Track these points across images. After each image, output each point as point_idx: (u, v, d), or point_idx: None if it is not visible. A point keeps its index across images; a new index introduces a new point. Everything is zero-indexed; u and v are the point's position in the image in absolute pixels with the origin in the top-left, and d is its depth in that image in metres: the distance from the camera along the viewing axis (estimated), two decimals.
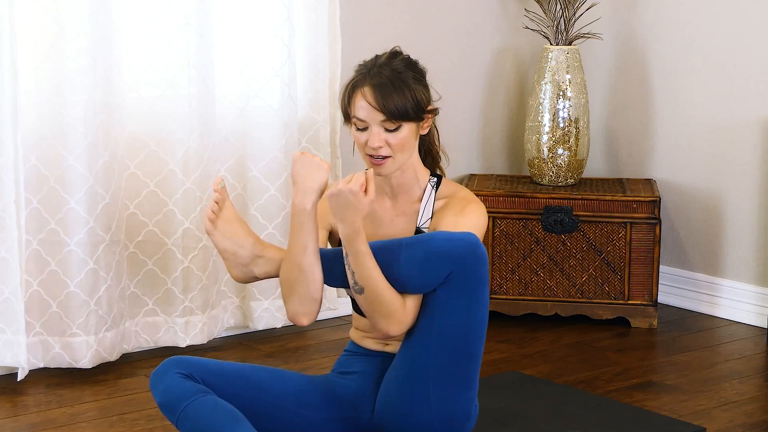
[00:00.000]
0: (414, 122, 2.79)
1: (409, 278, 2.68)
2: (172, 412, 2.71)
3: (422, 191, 2.88)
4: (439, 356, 2.72)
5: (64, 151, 3.66)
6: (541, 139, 4.39)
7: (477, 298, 2.71)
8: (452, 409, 2.75)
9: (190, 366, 2.76)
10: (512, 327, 4.26)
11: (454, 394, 2.75)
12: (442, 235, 2.69)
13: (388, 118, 2.75)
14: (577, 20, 4.44)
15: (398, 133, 2.77)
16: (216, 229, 2.81)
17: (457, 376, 2.74)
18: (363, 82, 2.78)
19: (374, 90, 2.76)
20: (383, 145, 2.77)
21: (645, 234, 4.22)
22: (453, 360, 2.73)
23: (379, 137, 2.76)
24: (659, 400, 3.55)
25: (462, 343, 2.73)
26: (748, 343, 4.10)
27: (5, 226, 3.54)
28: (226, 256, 2.82)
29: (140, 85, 3.83)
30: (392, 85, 2.76)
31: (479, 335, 2.75)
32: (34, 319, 3.71)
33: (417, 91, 2.78)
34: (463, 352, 2.74)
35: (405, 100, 2.76)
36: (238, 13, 3.97)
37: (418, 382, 2.73)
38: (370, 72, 2.79)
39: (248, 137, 4.03)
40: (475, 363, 2.77)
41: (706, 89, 4.41)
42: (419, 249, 2.68)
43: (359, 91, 2.78)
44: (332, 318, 4.32)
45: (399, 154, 2.79)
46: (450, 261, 2.66)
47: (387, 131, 2.77)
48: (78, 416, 3.41)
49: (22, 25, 3.59)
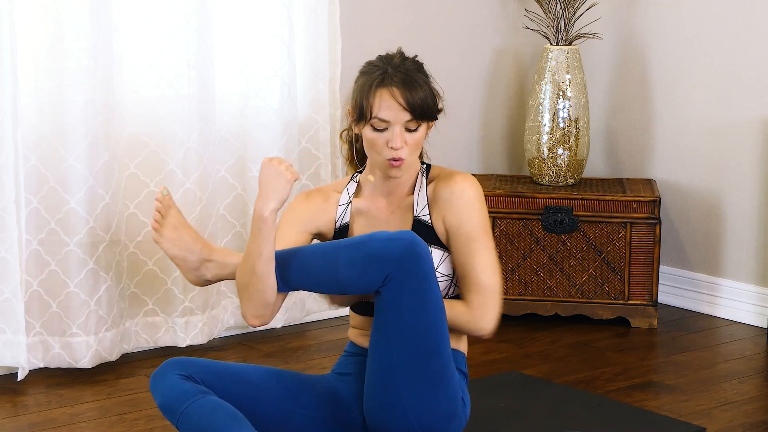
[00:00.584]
0: (428, 123, 2.82)
1: (349, 279, 2.67)
2: (172, 413, 2.71)
3: (413, 182, 2.88)
4: (402, 357, 2.70)
5: (64, 151, 3.66)
6: (541, 139, 4.39)
7: (424, 294, 2.69)
8: (430, 408, 2.73)
9: (189, 367, 2.76)
10: (512, 327, 4.26)
11: (427, 393, 2.72)
12: (380, 236, 2.68)
13: (414, 117, 2.77)
14: (577, 20, 4.44)
15: (416, 134, 2.80)
16: (162, 236, 2.88)
17: (424, 374, 2.72)
18: (388, 81, 2.78)
19: (403, 90, 2.76)
20: (404, 146, 2.78)
21: (645, 234, 4.22)
22: (416, 358, 2.71)
23: (402, 137, 2.77)
24: (659, 400, 3.55)
25: (421, 341, 2.70)
26: (748, 343, 4.10)
27: (5, 226, 3.54)
28: (177, 262, 2.88)
29: (140, 85, 3.83)
30: (418, 85, 2.78)
31: (438, 330, 2.73)
32: (34, 319, 3.71)
33: (432, 91, 2.82)
34: (424, 349, 2.71)
35: (428, 100, 2.79)
36: (238, 13, 3.97)
37: (388, 386, 2.73)
38: (390, 72, 2.79)
39: (248, 137, 4.03)
40: (439, 358, 2.74)
41: (706, 89, 4.41)
42: (358, 251, 2.67)
43: (385, 90, 2.77)
44: (332, 318, 4.33)
45: (412, 156, 2.82)
46: (387, 262, 2.65)
47: (408, 131, 2.78)
48: (78, 416, 3.41)
49: (22, 25, 3.59)
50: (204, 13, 3.83)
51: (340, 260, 2.67)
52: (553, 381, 3.66)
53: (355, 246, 2.68)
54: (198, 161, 3.87)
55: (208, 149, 3.90)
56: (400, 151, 2.78)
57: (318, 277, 2.71)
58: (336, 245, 2.71)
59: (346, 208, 2.91)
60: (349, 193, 2.92)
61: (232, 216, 4.04)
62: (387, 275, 2.66)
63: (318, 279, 2.71)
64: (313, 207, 2.92)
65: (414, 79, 2.78)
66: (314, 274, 2.71)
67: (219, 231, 4.00)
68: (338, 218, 2.91)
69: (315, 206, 2.92)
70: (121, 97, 3.78)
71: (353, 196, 2.92)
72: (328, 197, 2.93)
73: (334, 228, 2.92)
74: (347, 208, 2.91)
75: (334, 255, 2.69)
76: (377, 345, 2.74)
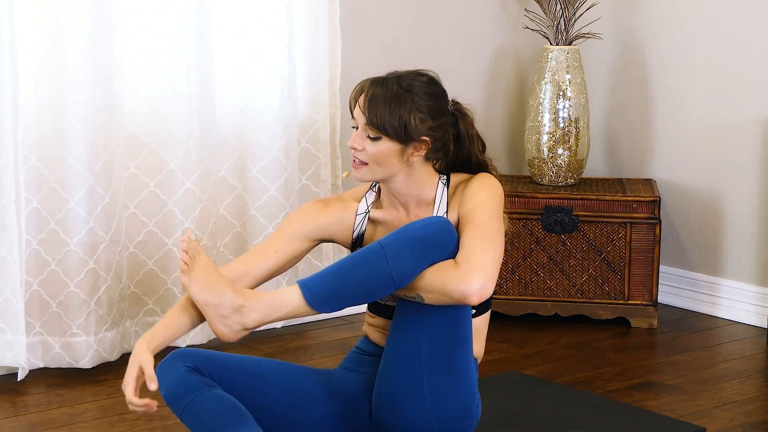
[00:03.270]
0: (396, 142, 2.76)
1: (403, 272, 2.66)
2: (176, 405, 2.71)
3: (433, 193, 2.86)
4: (431, 340, 2.70)
5: (64, 151, 3.66)
6: (541, 139, 4.39)
7: None
8: (448, 399, 2.73)
9: (196, 359, 2.76)
10: (512, 327, 4.26)
11: (448, 382, 2.73)
12: (413, 225, 2.69)
13: (368, 122, 2.75)
14: (577, 20, 4.44)
15: (377, 144, 2.77)
16: (192, 281, 2.72)
17: (450, 361, 2.72)
18: (368, 85, 2.78)
19: (368, 95, 2.76)
20: (361, 149, 2.77)
21: (645, 234, 4.22)
22: (444, 344, 2.71)
23: (360, 139, 2.77)
24: (659, 400, 3.55)
25: (452, 328, 2.71)
26: (748, 343, 4.10)
27: (5, 226, 3.54)
28: (207, 310, 2.71)
29: (140, 85, 3.83)
30: (387, 97, 2.75)
31: (467, 317, 2.74)
32: (34, 319, 3.71)
33: (412, 115, 2.75)
34: (454, 338, 2.72)
35: (391, 117, 2.74)
36: (238, 13, 3.97)
37: (410, 372, 2.72)
38: (378, 79, 2.79)
39: (248, 137, 4.03)
40: (466, 349, 2.75)
41: (706, 89, 4.41)
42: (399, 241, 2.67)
43: (362, 91, 2.78)
44: (332, 318, 4.32)
45: (375, 166, 2.78)
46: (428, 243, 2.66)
47: (368, 138, 2.77)
48: (78, 416, 3.41)
49: (22, 25, 3.59)
50: (204, 13, 3.83)
51: (388, 257, 2.66)
52: (553, 381, 3.66)
53: (395, 239, 2.68)
54: (198, 161, 3.87)
55: (208, 149, 3.90)
56: (356, 153, 2.78)
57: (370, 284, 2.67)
58: (374, 248, 2.68)
59: (364, 217, 2.90)
60: (368, 202, 2.91)
61: (232, 216, 4.04)
62: (432, 260, 2.67)
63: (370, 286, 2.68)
64: (331, 216, 2.90)
65: (390, 87, 2.76)
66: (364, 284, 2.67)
67: (219, 231, 4.00)
68: (356, 227, 2.90)
69: (333, 214, 2.90)
70: (121, 97, 3.78)
71: (371, 206, 2.91)
72: (348, 206, 2.91)
73: (351, 238, 2.90)
74: (365, 217, 2.90)
75: (379, 255, 2.67)
76: (405, 332, 2.73)
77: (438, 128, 2.80)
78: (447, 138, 2.85)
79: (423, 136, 2.77)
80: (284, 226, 2.89)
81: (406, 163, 2.80)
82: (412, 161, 2.80)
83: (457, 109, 2.89)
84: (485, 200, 2.77)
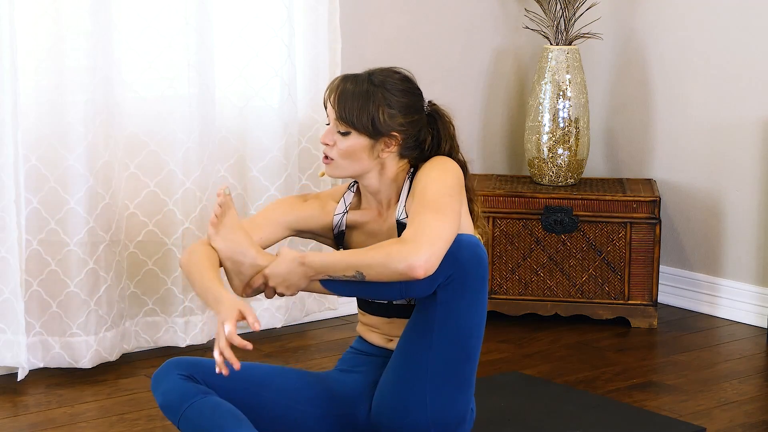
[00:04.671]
0: (365, 136, 2.78)
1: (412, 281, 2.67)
2: (173, 413, 2.71)
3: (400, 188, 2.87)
4: (439, 357, 2.72)
5: (64, 151, 3.66)
6: (541, 139, 4.39)
7: (477, 299, 2.72)
8: (448, 411, 2.76)
9: (191, 367, 2.76)
10: (512, 327, 4.26)
11: (450, 396, 2.75)
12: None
13: (337, 117, 2.78)
14: (577, 20, 4.44)
15: (346, 140, 2.79)
16: (218, 234, 2.78)
17: (455, 377, 2.74)
18: (340, 81, 2.81)
19: (338, 90, 2.78)
20: (330, 144, 2.79)
21: (645, 234, 4.22)
22: (452, 361, 2.73)
23: (330, 134, 2.80)
24: (659, 400, 3.55)
25: (461, 345, 2.73)
26: (748, 343, 4.10)
27: (5, 226, 3.54)
28: (227, 264, 2.76)
29: (140, 85, 3.83)
30: (357, 92, 2.77)
31: (478, 336, 2.76)
32: (34, 319, 3.71)
33: (380, 110, 2.76)
34: (462, 354, 2.74)
35: (360, 111, 2.76)
36: (238, 13, 3.97)
37: (415, 383, 2.73)
38: (349, 76, 2.81)
39: (248, 137, 4.03)
40: (472, 365, 2.77)
41: (706, 89, 4.41)
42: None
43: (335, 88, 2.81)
44: (332, 318, 4.33)
45: (344, 161, 2.79)
46: (451, 262, 2.66)
47: (339, 133, 2.79)
48: (78, 416, 3.41)
49: (22, 25, 3.59)
50: (204, 13, 3.83)
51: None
52: (553, 381, 3.66)
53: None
54: (198, 161, 3.87)
55: (208, 149, 3.90)
56: (326, 148, 2.80)
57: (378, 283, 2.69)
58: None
59: (342, 217, 2.91)
60: (346, 203, 2.92)
61: None
62: (451, 274, 2.67)
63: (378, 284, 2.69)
64: (309, 211, 2.91)
65: (359, 84, 2.78)
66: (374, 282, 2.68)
67: None
68: (335, 226, 2.91)
69: (310, 211, 2.91)
70: (121, 97, 3.78)
71: (349, 207, 2.92)
72: (325, 205, 2.93)
73: (333, 233, 2.92)
74: (343, 217, 2.91)
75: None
76: (413, 344, 2.74)
77: (409, 125, 2.80)
78: (421, 136, 2.85)
79: (393, 131, 2.78)
80: (264, 212, 2.91)
81: (378, 160, 2.81)
82: (383, 158, 2.81)
83: (434, 110, 2.89)
84: (435, 178, 2.75)
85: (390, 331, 2.88)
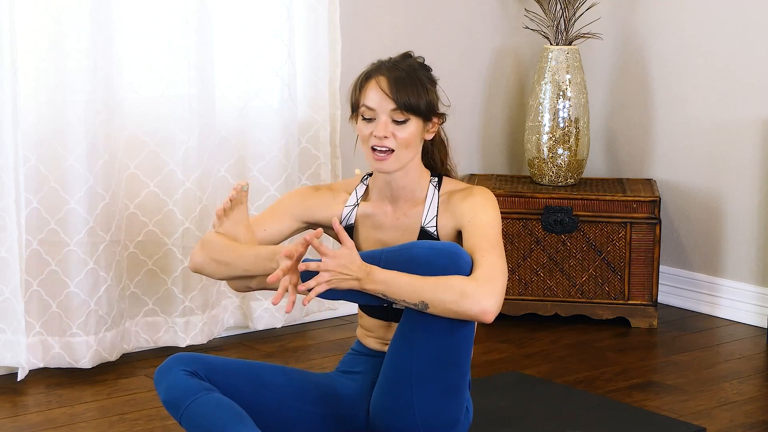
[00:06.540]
0: (422, 120, 2.78)
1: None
2: (175, 409, 2.71)
3: (424, 193, 2.86)
4: (422, 363, 2.70)
5: (64, 151, 3.66)
6: (541, 139, 4.39)
7: None
8: (437, 415, 2.74)
9: (194, 363, 2.76)
10: (512, 327, 4.26)
11: (437, 401, 2.74)
12: (423, 244, 2.68)
13: (398, 107, 2.74)
14: (577, 20, 4.44)
15: (406, 127, 2.76)
16: (221, 226, 2.81)
17: (440, 384, 2.73)
18: (378, 71, 2.78)
19: (389, 79, 2.76)
20: (389, 136, 2.75)
21: (645, 234, 4.22)
22: (435, 369, 2.71)
23: (386, 127, 2.75)
24: (659, 400, 3.55)
25: (445, 354, 2.71)
26: (748, 343, 4.10)
27: (5, 226, 3.54)
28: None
29: (140, 85, 3.83)
30: (408, 77, 2.77)
31: (465, 347, 2.73)
32: (34, 319, 3.71)
33: (430, 91, 2.79)
34: (446, 362, 2.72)
35: (418, 94, 2.76)
36: (238, 13, 3.97)
37: (401, 388, 2.73)
38: (386, 64, 2.80)
39: (248, 137, 4.03)
40: (459, 371, 2.75)
41: (706, 89, 4.41)
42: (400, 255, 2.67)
43: (373, 79, 2.77)
44: (332, 318, 4.33)
45: (403, 151, 2.77)
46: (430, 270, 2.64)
47: (395, 123, 2.76)
48: (78, 416, 3.41)
49: (22, 25, 3.59)
50: (204, 13, 3.83)
51: (381, 263, 2.67)
52: (553, 381, 3.66)
53: (397, 251, 2.68)
54: (198, 161, 3.87)
55: (208, 149, 3.90)
56: (385, 141, 2.75)
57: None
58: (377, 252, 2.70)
59: (352, 210, 2.90)
60: (358, 195, 2.91)
61: None
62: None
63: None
64: (320, 200, 2.91)
65: (403, 69, 2.77)
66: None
67: None
68: (344, 218, 2.90)
69: (321, 200, 2.91)
70: (121, 97, 3.78)
71: (361, 199, 2.91)
72: (337, 195, 2.92)
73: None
74: (353, 210, 2.90)
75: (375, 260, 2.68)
76: (400, 350, 2.73)
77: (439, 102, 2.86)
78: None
79: (438, 110, 2.83)
80: (276, 205, 2.92)
81: (418, 147, 2.81)
82: (427, 139, 2.83)
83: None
84: (494, 219, 2.78)
85: (387, 336, 2.88)
